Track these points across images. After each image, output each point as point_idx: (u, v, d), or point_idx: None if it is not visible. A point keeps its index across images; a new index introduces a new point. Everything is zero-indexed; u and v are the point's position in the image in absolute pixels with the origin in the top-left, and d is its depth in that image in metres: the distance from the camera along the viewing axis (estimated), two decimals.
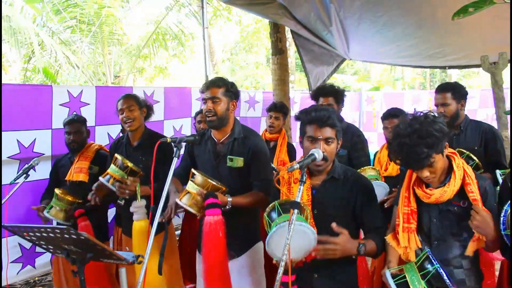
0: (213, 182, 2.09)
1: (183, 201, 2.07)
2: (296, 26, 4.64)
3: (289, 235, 1.50)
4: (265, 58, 17.25)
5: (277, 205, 1.74)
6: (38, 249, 3.56)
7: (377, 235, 1.85)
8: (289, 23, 4.55)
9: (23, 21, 8.40)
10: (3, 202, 2.62)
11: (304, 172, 1.60)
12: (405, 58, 5.36)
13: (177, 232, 3.65)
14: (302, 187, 1.59)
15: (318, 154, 1.72)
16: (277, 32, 4.81)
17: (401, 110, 3.07)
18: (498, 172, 2.45)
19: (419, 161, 1.63)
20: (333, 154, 1.82)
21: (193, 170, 2.13)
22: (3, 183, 3.05)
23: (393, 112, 3.04)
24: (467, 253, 1.72)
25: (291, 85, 8.23)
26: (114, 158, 2.56)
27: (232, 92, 2.32)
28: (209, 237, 2.00)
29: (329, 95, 2.95)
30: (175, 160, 1.95)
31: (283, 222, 1.63)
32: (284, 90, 4.90)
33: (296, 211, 1.52)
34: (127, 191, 2.45)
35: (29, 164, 2.78)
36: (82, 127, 3.06)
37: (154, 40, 10.45)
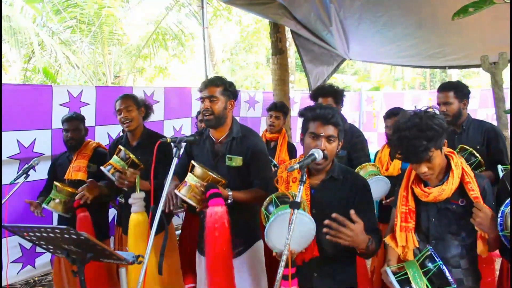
0: (213, 174, 2.09)
1: (182, 192, 2.06)
2: (296, 26, 4.64)
3: (289, 235, 1.50)
4: (265, 58, 17.24)
5: (274, 198, 1.74)
6: (38, 249, 3.56)
7: (372, 236, 1.84)
8: (289, 23, 4.55)
9: (23, 21, 8.40)
10: (3, 202, 2.62)
11: (304, 172, 1.59)
12: (405, 58, 5.36)
13: (177, 232, 3.65)
14: (302, 187, 1.58)
15: (318, 154, 1.72)
16: (277, 32, 4.82)
17: (403, 109, 3.07)
18: (500, 167, 2.44)
19: (418, 154, 1.63)
20: (333, 153, 1.81)
21: (193, 162, 2.13)
22: (3, 183, 3.05)
23: (395, 111, 3.04)
24: (480, 253, 1.71)
25: (291, 85, 8.23)
26: (117, 149, 2.57)
27: (230, 92, 2.32)
28: (213, 227, 1.98)
29: (328, 96, 2.94)
30: (175, 160, 1.95)
31: (281, 211, 1.63)
32: (284, 90, 4.90)
33: (296, 211, 1.52)
34: (126, 182, 2.45)
35: (29, 164, 2.78)
36: (80, 124, 3.05)
37: (154, 40, 10.46)
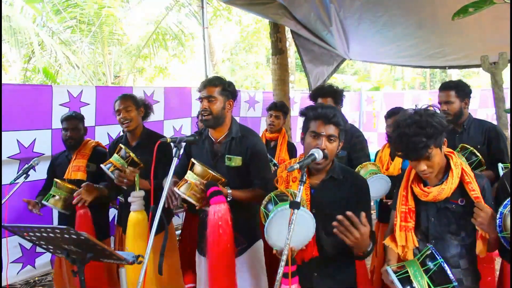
0: (213, 172, 2.09)
1: (181, 190, 2.05)
2: (296, 26, 4.64)
3: (289, 235, 1.50)
4: (265, 58, 17.23)
5: (273, 196, 1.74)
6: (38, 249, 3.56)
7: None
8: (289, 23, 4.55)
9: (23, 21, 8.40)
10: (3, 202, 2.62)
11: (304, 172, 1.59)
12: (405, 58, 5.36)
13: (177, 232, 3.65)
14: (302, 187, 1.58)
15: (318, 154, 1.72)
16: (277, 32, 4.81)
17: (404, 109, 3.07)
18: (500, 165, 2.43)
19: (417, 150, 1.63)
20: (333, 153, 1.81)
21: (192, 160, 2.13)
22: (3, 183, 3.04)
23: (396, 111, 3.04)
24: (479, 253, 1.71)
25: (291, 85, 8.23)
26: (118, 147, 2.57)
27: (229, 92, 2.32)
28: (217, 225, 1.98)
29: (327, 96, 2.94)
30: (175, 160, 1.94)
31: (280, 208, 1.62)
32: (284, 90, 4.90)
33: (296, 211, 1.52)
34: (125, 180, 2.45)
35: (29, 164, 2.78)
36: (79, 124, 3.04)
37: (154, 40, 10.45)
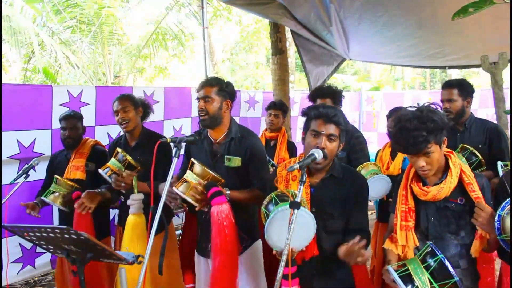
0: (213, 173, 2.10)
1: (180, 189, 2.05)
2: (296, 26, 4.64)
3: (289, 235, 1.50)
4: (265, 58, 17.23)
5: (273, 196, 1.74)
6: (38, 249, 3.55)
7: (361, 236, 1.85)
8: (289, 23, 4.55)
9: (23, 21, 8.39)
10: (3, 202, 2.61)
11: (304, 172, 1.59)
12: (405, 58, 5.37)
13: (177, 232, 3.65)
14: (302, 187, 1.58)
15: (318, 154, 1.72)
16: (277, 32, 4.82)
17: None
18: (499, 164, 2.42)
19: (417, 144, 1.63)
20: (333, 153, 1.81)
21: (192, 160, 2.13)
22: (3, 183, 3.04)
23: (398, 110, 3.04)
24: (473, 253, 1.71)
25: (291, 85, 8.23)
26: (115, 151, 2.58)
27: (226, 92, 2.31)
28: (222, 225, 1.99)
29: (326, 96, 2.94)
30: (175, 160, 1.93)
31: (280, 208, 1.63)
32: (284, 90, 4.90)
33: (296, 211, 1.52)
34: (122, 183, 2.45)
35: (29, 164, 2.77)
36: (78, 123, 3.03)
37: (154, 40, 10.44)
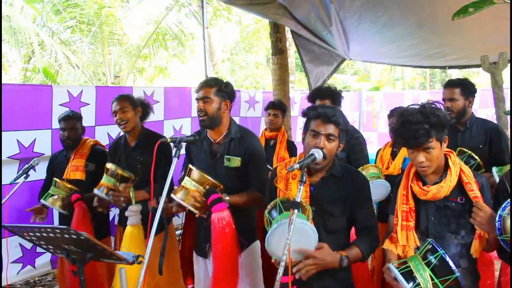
0: (212, 179, 2.09)
1: (178, 196, 2.04)
2: (296, 26, 4.64)
3: (289, 235, 1.50)
4: (265, 58, 17.23)
5: (278, 202, 1.73)
6: (38, 249, 3.55)
7: (364, 238, 1.86)
8: (289, 23, 4.55)
9: (23, 21, 8.39)
10: (3, 202, 2.61)
11: (304, 172, 1.59)
12: (405, 58, 5.36)
13: (178, 232, 3.64)
14: (302, 187, 1.58)
15: (318, 154, 1.72)
16: (277, 32, 4.81)
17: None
18: (494, 169, 2.43)
19: (418, 137, 1.64)
20: (332, 153, 1.81)
21: (190, 166, 2.12)
22: (3, 183, 3.04)
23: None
24: (473, 253, 1.71)
25: (291, 85, 8.23)
26: (105, 168, 2.54)
27: (225, 92, 2.31)
28: (223, 233, 1.99)
29: (326, 97, 2.96)
30: (175, 160, 1.93)
31: (284, 219, 1.62)
32: (284, 90, 4.90)
33: (296, 211, 1.52)
34: (121, 198, 2.45)
35: (29, 164, 2.77)
36: (77, 123, 3.03)
37: (154, 40, 10.44)
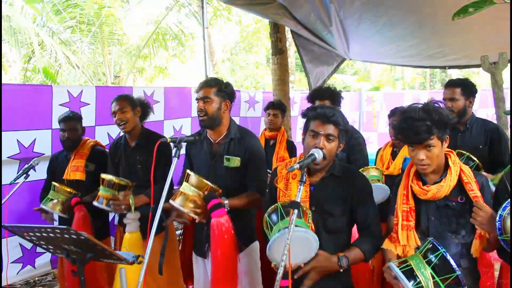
0: (210, 184, 2.06)
1: (177, 202, 2.01)
2: (296, 26, 4.64)
3: (289, 235, 1.49)
4: (265, 58, 17.23)
5: (279, 206, 1.70)
6: (38, 249, 3.55)
7: (365, 238, 1.86)
8: (289, 23, 4.55)
9: (23, 21, 8.39)
10: (3, 202, 2.61)
11: (304, 172, 1.59)
12: (405, 58, 5.36)
13: (178, 232, 3.64)
14: (302, 187, 1.58)
15: (318, 154, 1.72)
16: (277, 32, 4.82)
17: None
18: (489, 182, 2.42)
19: (420, 133, 1.63)
20: (332, 153, 1.81)
21: (188, 171, 2.10)
22: (3, 183, 3.04)
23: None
24: (473, 252, 1.71)
25: (291, 85, 8.23)
26: (101, 179, 2.54)
27: (225, 92, 2.31)
28: (222, 239, 1.98)
29: (325, 98, 2.96)
30: (175, 160, 1.93)
31: (287, 228, 1.59)
32: (284, 90, 4.91)
33: (296, 211, 1.51)
34: (122, 206, 2.47)
35: (29, 164, 2.77)
36: (77, 124, 3.03)
37: (154, 40, 10.44)
